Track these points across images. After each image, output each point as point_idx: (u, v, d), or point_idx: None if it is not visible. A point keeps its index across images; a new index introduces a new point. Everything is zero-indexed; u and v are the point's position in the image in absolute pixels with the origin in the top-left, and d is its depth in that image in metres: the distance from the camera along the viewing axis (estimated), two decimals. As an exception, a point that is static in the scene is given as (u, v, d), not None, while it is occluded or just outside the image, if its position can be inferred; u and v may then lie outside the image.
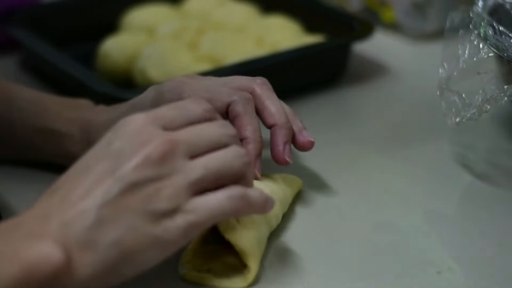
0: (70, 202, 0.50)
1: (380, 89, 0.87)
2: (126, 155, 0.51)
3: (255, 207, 0.54)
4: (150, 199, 0.51)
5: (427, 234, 0.64)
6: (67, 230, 0.49)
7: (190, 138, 0.53)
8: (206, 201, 0.52)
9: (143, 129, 0.52)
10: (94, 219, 0.50)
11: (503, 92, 0.66)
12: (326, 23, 0.90)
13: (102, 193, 0.50)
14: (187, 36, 0.86)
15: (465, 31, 0.69)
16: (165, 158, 0.51)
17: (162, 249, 0.51)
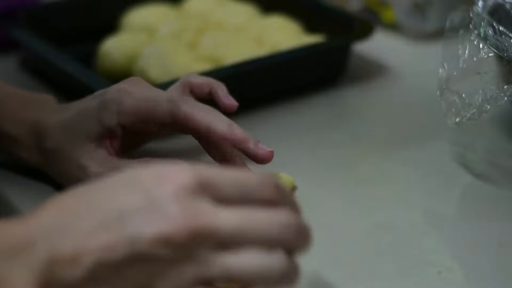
0: (68, 237, 0.44)
1: (380, 89, 0.87)
2: (149, 217, 0.44)
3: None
4: (154, 279, 0.44)
5: (427, 234, 0.64)
6: (53, 270, 0.43)
7: (233, 229, 0.44)
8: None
9: (182, 194, 0.44)
10: (85, 274, 0.43)
11: (503, 92, 0.66)
12: (326, 23, 0.90)
13: (106, 248, 0.43)
14: (187, 36, 0.86)
15: (465, 31, 0.69)
16: (190, 244, 0.44)
17: None
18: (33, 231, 0.44)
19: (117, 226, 0.44)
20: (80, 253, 0.43)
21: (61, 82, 0.82)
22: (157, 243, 0.43)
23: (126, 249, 0.43)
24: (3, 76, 0.87)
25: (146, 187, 0.44)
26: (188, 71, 0.79)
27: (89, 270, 0.43)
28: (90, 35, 0.89)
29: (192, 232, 0.43)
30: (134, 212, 0.44)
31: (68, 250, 0.43)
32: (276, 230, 0.45)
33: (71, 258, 0.43)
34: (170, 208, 0.44)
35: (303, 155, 0.70)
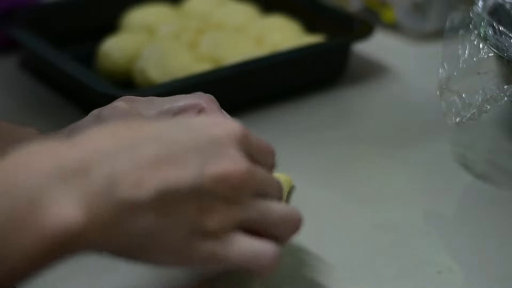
0: (133, 163, 0.45)
1: (380, 89, 0.87)
2: (213, 158, 0.48)
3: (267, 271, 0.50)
4: (205, 213, 0.48)
5: (427, 234, 0.64)
6: (113, 192, 0.44)
7: (265, 179, 0.51)
8: (242, 245, 0.49)
9: (235, 145, 0.49)
10: (147, 200, 0.45)
11: (503, 92, 0.66)
12: (326, 23, 0.90)
13: (171, 181, 0.46)
14: (187, 36, 0.86)
15: (465, 31, 0.69)
16: (241, 186, 0.49)
17: (177, 260, 0.48)
18: (88, 155, 0.44)
19: (182, 160, 0.46)
20: (145, 179, 0.45)
21: (61, 82, 0.82)
22: (218, 181, 0.47)
23: (190, 181, 0.46)
24: (3, 76, 0.87)
25: (203, 128, 0.49)
26: (188, 71, 0.79)
27: (152, 196, 0.45)
28: (90, 35, 0.89)
29: (246, 175, 0.48)
30: (198, 149, 0.47)
31: (132, 175, 0.45)
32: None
33: (135, 183, 0.45)
34: (230, 151, 0.49)
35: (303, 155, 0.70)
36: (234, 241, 0.49)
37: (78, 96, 0.79)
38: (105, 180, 0.44)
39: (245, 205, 0.49)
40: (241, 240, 0.49)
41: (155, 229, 0.46)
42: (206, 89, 0.74)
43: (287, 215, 0.52)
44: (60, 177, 0.43)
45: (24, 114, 0.81)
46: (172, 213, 0.46)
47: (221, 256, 0.49)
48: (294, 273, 0.59)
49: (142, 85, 0.81)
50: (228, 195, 0.48)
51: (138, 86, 0.82)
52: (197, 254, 0.48)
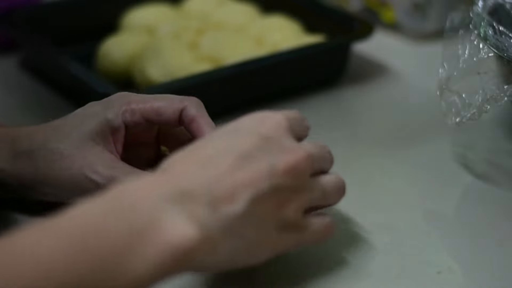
0: (223, 180, 0.50)
1: (380, 89, 0.87)
2: (278, 156, 0.52)
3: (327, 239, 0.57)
4: (284, 207, 0.52)
5: (427, 234, 0.64)
6: (214, 209, 0.49)
7: (317, 155, 0.55)
8: (315, 225, 0.55)
9: (287, 135, 0.54)
10: (243, 210, 0.50)
11: (503, 92, 0.66)
12: (326, 23, 0.90)
13: (255, 185, 0.51)
14: (187, 36, 0.86)
15: (465, 31, 0.69)
16: (304, 172, 0.53)
17: (271, 254, 0.53)
18: (186, 182, 0.49)
19: (253, 164, 0.51)
20: (236, 191, 0.50)
21: (61, 82, 0.82)
22: (288, 173, 0.52)
23: (267, 182, 0.51)
24: (3, 76, 0.87)
25: (254, 129, 0.54)
26: (188, 71, 0.79)
27: (246, 206, 0.50)
28: (90, 35, 0.89)
29: (306, 160, 0.53)
30: (259, 150, 0.52)
31: (226, 190, 0.50)
32: (331, 157, 0.58)
33: (230, 196, 0.50)
34: (286, 143, 0.53)
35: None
36: (308, 223, 0.55)
37: (78, 96, 0.79)
38: (207, 200, 0.49)
39: (309, 187, 0.54)
40: (313, 221, 0.55)
41: (251, 234, 0.51)
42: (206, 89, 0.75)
43: (337, 184, 0.57)
44: (170, 201, 0.48)
45: (24, 114, 0.81)
46: (259, 216, 0.51)
47: (303, 240, 0.55)
48: (294, 273, 0.59)
49: (142, 85, 0.81)
50: (296, 184, 0.53)
51: (138, 86, 0.82)
52: (285, 244, 0.54)
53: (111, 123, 0.62)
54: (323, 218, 0.56)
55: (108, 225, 0.46)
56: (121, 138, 0.63)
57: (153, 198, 0.48)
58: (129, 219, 0.47)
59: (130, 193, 0.48)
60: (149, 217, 0.47)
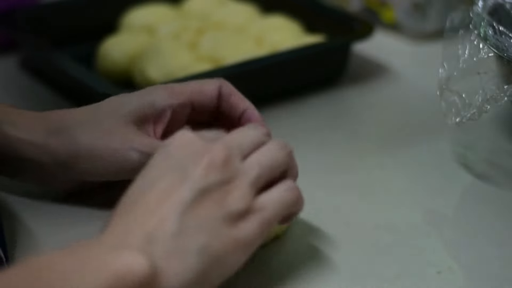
0: (147, 213, 0.51)
1: (380, 89, 0.87)
2: (189, 165, 0.53)
3: (301, 199, 0.57)
4: (223, 202, 0.52)
5: (427, 234, 0.64)
6: (152, 239, 0.50)
7: (238, 140, 0.56)
8: (271, 197, 0.55)
9: (196, 142, 0.54)
10: (177, 226, 0.50)
11: (503, 92, 0.66)
12: (326, 23, 0.90)
13: (179, 201, 0.51)
14: (187, 36, 0.86)
15: (465, 31, 0.69)
16: (226, 162, 0.53)
17: (243, 251, 0.52)
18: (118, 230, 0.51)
19: (177, 185, 0.52)
20: (162, 213, 0.51)
21: (61, 82, 0.82)
22: (207, 173, 0.52)
23: (187, 191, 0.51)
24: (3, 76, 0.87)
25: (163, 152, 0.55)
26: (188, 71, 0.79)
27: (178, 222, 0.50)
28: (90, 35, 0.89)
29: (222, 152, 0.53)
30: (169, 169, 0.53)
31: (154, 217, 0.50)
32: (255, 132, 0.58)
33: (159, 220, 0.50)
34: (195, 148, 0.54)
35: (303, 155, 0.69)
36: (264, 201, 0.54)
37: (78, 96, 0.79)
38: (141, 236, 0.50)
39: (243, 171, 0.54)
40: (268, 197, 0.54)
41: (203, 242, 0.51)
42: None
43: (271, 149, 0.57)
44: (116, 244, 0.49)
45: (24, 114, 0.81)
46: (200, 222, 0.51)
47: (267, 219, 0.54)
48: (293, 273, 0.59)
49: (142, 85, 0.81)
50: (225, 175, 0.53)
51: (138, 86, 0.82)
52: (248, 233, 0.53)
53: (156, 106, 0.64)
54: (279, 186, 0.56)
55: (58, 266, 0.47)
56: (164, 121, 0.65)
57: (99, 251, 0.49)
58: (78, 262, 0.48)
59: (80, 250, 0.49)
60: (97, 260, 0.48)
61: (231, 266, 0.52)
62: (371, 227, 0.64)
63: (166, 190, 0.52)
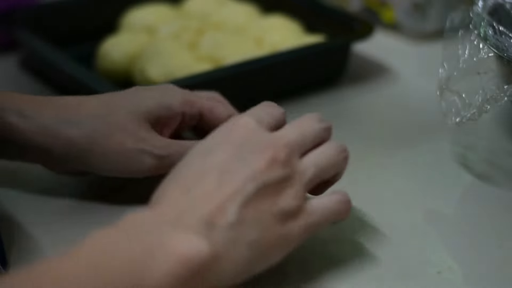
0: (207, 198, 0.51)
1: (380, 89, 0.87)
2: (253, 156, 0.53)
3: (349, 212, 0.58)
4: (277, 199, 0.53)
5: (427, 234, 0.64)
6: (210, 225, 0.50)
7: (298, 137, 0.56)
8: (323, 205, 0.56)
9: (260, 132, 0.55)
10: (236, 217, 0.51)
11: (503, 92, 0.66)
12: (326, 23, 0.90)
13: (240, 193, 0.52)
14: (187, 36, 0.86)
15: (465, 31, 0.69)
16: (288, 159, 0.54)
17: (285, 248, 0.54)
18: (177, 210, 0.51)
19: (233, 176, 0.52)
20: (224, 204, 0.51)
21: (61, 82, 0.82)
22: (269, 168, 0.53)
23: (251, 185, 0.52)
24: (3, 76, 0.87)
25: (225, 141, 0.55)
26: (188, 71, 0.79)
27: (237, 214, 0.51)
28: (90, 35, 0.89)
29: (284, 150, 0.54)
30: (235, 160, 0.53)
31: (214, 206, 0.51)
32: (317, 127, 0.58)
33: (219, 210, 0.51)
34: (260, 141, 0.54)
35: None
36: (314, 205, 0.55)
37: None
38: (201, 218, 0.50)
39: (300, 171, 0.55)
40: (319, 201, 0.56)
41: (255, 236, 0.52)
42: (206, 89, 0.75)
43: (332, 150, 0.58)
44: (172, 228, 0.49)
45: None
46: (256, 217, 0.52)
47: (313, 223, 0.55)
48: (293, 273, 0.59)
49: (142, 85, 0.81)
50: (283, 173, 0.54)
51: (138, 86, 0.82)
52: (295, 234, 0.54)
53: (170, 109, 0.64)
54: (333, 196, 0.57)
55: (123, 247, 0.48)
56: (173, 125, 0.65)
57: (158, 226, 0.49)
58: (141, 241, 0.48)
59: (137, 223, 0.50)
60: (159, 238, 0.49)
61: (272, 260, 0.53)
62: (371, 227, 0.64)
63: (227, 177, 0.52)
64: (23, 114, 0.62)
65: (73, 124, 0.62)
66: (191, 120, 0.66)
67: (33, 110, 0.62)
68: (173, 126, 0.65)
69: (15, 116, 0.62)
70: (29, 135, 0.62)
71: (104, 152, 0.62)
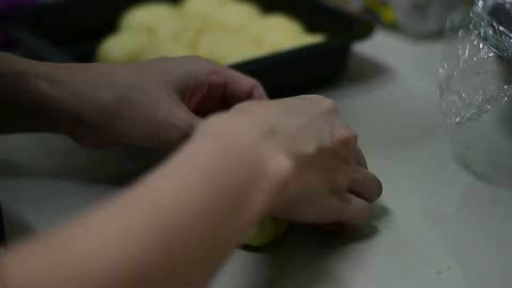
0: (296, 129, 0.54)
1: (380, 89, 0.87)
2: (335, 127, 0.57)
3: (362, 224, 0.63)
4: (335, 172, 0.57)
5: (427, 234, 0.64)
6: (294, 150, 0.52)
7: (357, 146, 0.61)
8: (357, 202, 0.60)
9: (336, 115, 0.59)
10: (312, 153, 0.54)
11: (503, 92, 0.66)
12: (326, 23, 0.90)
13: (320, 140, 0.55)
14: (187, 36, 0.86)
15: (465, 31, 0.69)
16: (353, 148, 0.59)
17: (318, 214, 0.58)
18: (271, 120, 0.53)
19: (320, 125, 0.56)
20: (307, 138, 0.54)
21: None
22: (342, 143, 0.57)
23: (328, 140, 0.56)
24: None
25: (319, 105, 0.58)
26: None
27: (314, 151, 0.54)
28: (90, 35, 0.89)
29: (355, 139, 0.59)
30: (324, 117, 0.57)
31: (300, 135, 0.54)
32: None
33: (303, 140, 0.54)
34: (339, 120, 0.58)
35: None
36: (351, 199, 0.59)
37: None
38: (288, 137, 0.53)
39: (353, 167, 0.59)
40: (353, 198, 0.60)
41: (314, 182, 0.55)
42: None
43: (375, 180, 0.62)
44: (264, 137, 0.51)
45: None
46: (320, 167, 0.55)
47: (345, 212, 0.59)
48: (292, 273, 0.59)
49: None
50: (346, 155, 0.58)
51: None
52: (332, 208, 0.58)
53: (198, 79, 0.65)
54: (362, 201, 0.61)
55: (226, 163, 0.48)
56: (199, 95, 0.66)
57: (250, 135, 0.50)
58: (240, 157, 0.49)
59: (227, 132, 0.50)
60: (254, 153, 0.50)
61: (307, 216, 0.58)
62: (371, 227, 0.64)
63: (318, 127, 0.56)
64: (54, 81, 0.62)
65: (104, 88, 0.62)
66: (216, 90, 0.66)
67: (64, 77, 0.62)
68: (199, 95, 0.65)
69: (46, 82, 0.62)
70: (60, 102, 0.62)
71: (134, 119, 0.62)
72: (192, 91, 0.65)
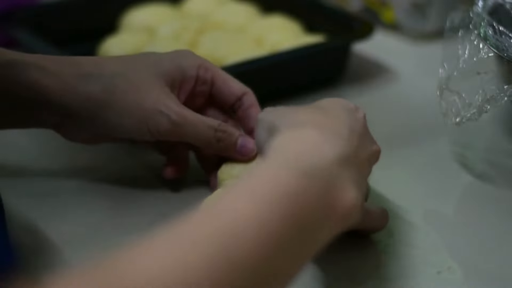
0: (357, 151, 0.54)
1: (380, 89, 0.87)
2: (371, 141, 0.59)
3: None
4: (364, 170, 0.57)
5: (427, 234, 0.64)
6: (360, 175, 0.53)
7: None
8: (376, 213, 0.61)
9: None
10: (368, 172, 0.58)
11: (503, 92, 0.66)
12: (326, 23, 0.90)
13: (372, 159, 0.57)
14: (187, 36, 0.86)
15: (465, 31, 0.69)
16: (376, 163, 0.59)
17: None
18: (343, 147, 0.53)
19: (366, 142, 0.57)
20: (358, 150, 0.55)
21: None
22: (375, 156, 0.59)
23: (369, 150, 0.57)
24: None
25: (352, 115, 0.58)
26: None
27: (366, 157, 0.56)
28: (90, 35, 0.89)
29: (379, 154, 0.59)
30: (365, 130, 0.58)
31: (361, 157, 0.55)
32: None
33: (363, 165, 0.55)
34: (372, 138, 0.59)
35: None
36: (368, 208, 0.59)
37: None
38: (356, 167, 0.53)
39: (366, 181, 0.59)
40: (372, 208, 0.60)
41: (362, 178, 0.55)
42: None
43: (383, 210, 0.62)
44: (341, 165, 0.51)
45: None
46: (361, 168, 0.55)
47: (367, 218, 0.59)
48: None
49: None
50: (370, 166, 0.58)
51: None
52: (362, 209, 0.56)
53: (185, 72, 0.65)
54: (378, 207, 0.61)
55: (303, 189, 0.48)
56: (187, 89, 0.65)
57: (329, 161, 0.50)
58: (316, 194, 0.48)
59: (303, 153, 0.50)
60: (329, 182, 0.49)
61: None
62: (371, 227, 0.64)
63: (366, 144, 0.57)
64: (46, 71, 0.62)
65: (93, 78, 0.62)
66: (203, 85, 0.66)
67: (53, 67, 0.62)
68: (187, 89, 0.65)
69: (40, 72, 0.62)
70: (50, 92, 0.62)
71: (122, 109, 0.62)
72: (180, 83, 0.65)
